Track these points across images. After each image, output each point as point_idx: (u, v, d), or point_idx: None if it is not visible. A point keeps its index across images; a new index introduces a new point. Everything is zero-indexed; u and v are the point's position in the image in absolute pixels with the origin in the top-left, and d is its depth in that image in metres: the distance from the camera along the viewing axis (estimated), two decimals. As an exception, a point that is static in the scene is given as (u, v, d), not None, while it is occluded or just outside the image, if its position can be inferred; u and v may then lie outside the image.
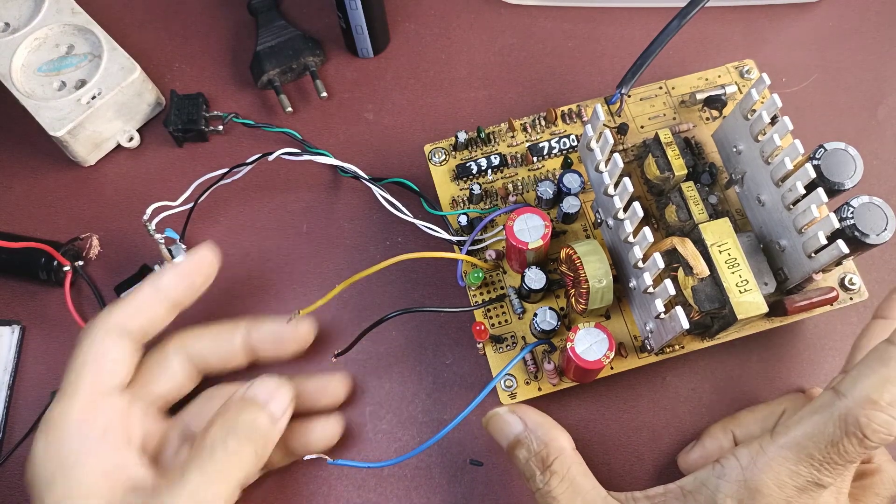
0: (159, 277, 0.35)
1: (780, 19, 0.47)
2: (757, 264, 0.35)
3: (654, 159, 0.38)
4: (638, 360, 0.36)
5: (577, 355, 0.33)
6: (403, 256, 0.36)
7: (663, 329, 0.33)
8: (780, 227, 0.35)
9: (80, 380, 0.32)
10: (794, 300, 0.36)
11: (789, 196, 0.34)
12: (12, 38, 0.43)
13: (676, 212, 0.37)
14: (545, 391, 0.36)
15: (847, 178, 0.34)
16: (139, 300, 0.34)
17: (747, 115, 0.36)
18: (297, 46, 0.45)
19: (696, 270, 0.34)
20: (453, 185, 0.40)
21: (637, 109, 0.41)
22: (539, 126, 0.41)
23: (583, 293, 0.34)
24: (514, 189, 0.40)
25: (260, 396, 0.33)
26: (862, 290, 0.38)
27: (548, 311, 0.35)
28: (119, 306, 0.34)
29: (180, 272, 0.36)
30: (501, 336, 0.37)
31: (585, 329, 0.33)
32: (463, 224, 0.38)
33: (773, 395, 0.39)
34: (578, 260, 0.34)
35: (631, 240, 0.33)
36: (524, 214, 0.35)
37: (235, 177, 0.40)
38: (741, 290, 0.33)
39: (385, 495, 0.37)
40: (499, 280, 0.38)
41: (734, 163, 0.38)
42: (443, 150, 0.41)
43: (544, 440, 0.33)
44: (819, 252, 0.32)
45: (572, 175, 0.38)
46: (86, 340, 0.33)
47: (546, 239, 0.35)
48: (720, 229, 0.35)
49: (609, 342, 0.33)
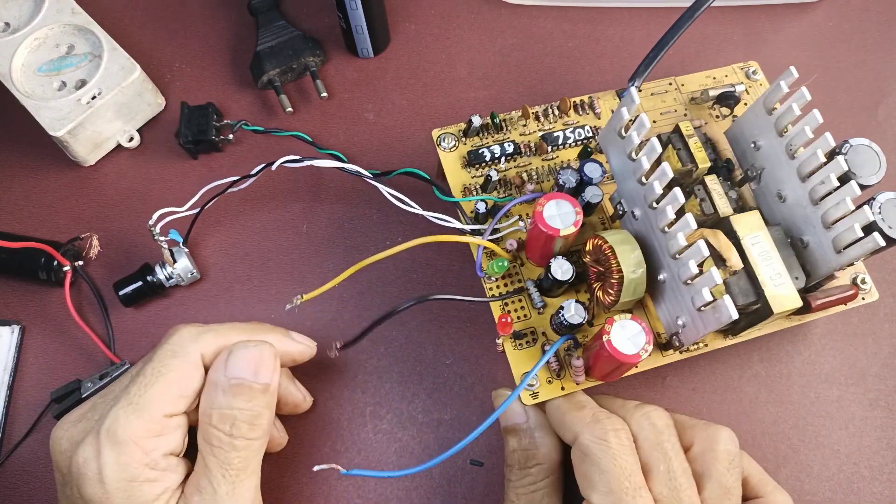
0: (264, 334, 0.34)
1: (780, 19, 0.47)
2: (787, 258, 0.34)
3: (675, 151, 0.37)
4: (662, 357, 0.35)
5: (615, 349, 0.31)
6: (421, 240, 0.34)
7: (702, 322, 0.32)
8: (803, 222, 0.34)
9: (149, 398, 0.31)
10: (817, 297, 0.35)
11: (820, 189, 0.33)
12: (12, 38, 0.43)
13: (700, 204, 0.35)
14: (568, 390, 0.34)
15: (872, 174, 0.34)
16: (231, 341, 0.33)
17: (771, 109, 0.35)
18: (297, 46, 0.45)
19: (729, 263, 0.33)
20: (464, 173, 0.39)
21: (648, 104, 0.41)
22: (552, 115, 0.40)
23: (613, 284, 0.33)
24: (530, 178, 0.38)
25: (244, 373, 0.31)
26: (873, 290, 0.38)
27: (574, 304, 0.34)
28: (209, 336, 0.32)
29: (288, 346, 0.35)
30: (521, 332, 0.35)
31: (620, 322, 0.31)
32: (481, 211, 0.36)
33: (772, 396, 0.39)
34: (610, 249, 0.32)
35: (668, 229, 0.32)
36: (555, 199, 0.33)
37: (241, 186, 0.40)
38: (775, 284, 0.32)
39: (385, 496, 0.37)
40: (516, 272, 0.37)
41: (751, 159, 0.37)
42: (452, 136, 0.39)
43: (536, 442, 0.34)
44: (849, 247, 0.32)
45: (593, 164, 0.36)
46: (167, 358, 0.31)
47: (578, 226, 0.33)
48: (751, 222, 0.34)
49: (647, 334, 0.31)
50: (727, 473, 0.32)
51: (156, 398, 0.30)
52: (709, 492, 0.31)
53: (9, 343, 0.39)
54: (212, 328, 0.33)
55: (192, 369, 0.31)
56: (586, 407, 0.33)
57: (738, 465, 0.32)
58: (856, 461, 0.38)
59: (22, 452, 0.38)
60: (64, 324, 0.40)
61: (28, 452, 0.38)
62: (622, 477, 0.30)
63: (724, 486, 0.31)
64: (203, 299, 0.41)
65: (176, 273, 0.40)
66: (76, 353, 0.40)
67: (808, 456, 0.38)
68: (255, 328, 0.35)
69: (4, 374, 0.39)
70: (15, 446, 0.38)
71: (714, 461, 0.32)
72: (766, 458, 0.38)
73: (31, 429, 0.38)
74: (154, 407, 0.30)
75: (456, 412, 0.38)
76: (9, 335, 0.40)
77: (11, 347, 0.39)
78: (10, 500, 0.37)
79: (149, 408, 0.30)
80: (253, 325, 0.35)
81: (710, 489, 0.31)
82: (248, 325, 0.35)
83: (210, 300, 0.41)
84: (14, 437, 0.38)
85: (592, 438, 0.31)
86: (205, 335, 0.32)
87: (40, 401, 0.38)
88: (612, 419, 0.32)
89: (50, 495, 0.37)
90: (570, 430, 0.32)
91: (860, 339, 0.40)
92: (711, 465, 0.32)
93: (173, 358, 0.31)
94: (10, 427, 0.38)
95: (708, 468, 0.32)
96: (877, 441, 0.38)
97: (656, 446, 0.31)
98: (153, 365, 0.31)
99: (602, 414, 0.32)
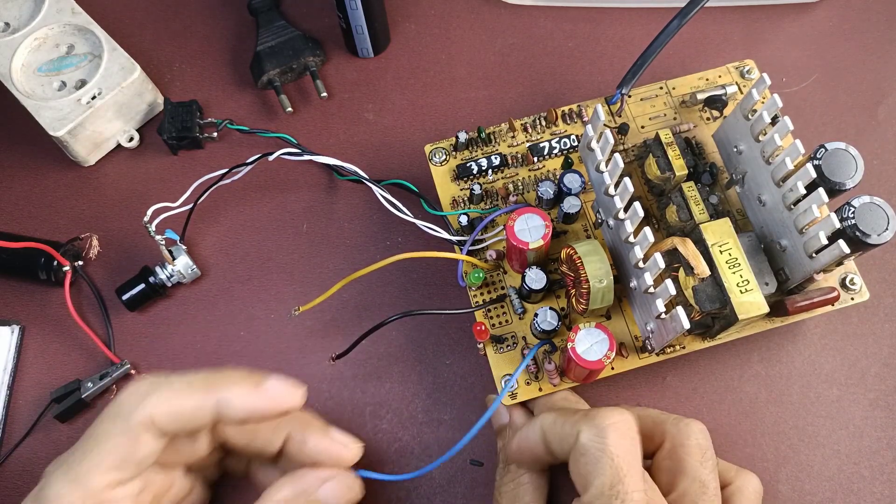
0: (227, 387, 0.29)
1: (780, 19, 0.47)
2: (758, 264, 0.35)
3: (654, 159, 0.38)
4: (639, 360, 0.36)
5: (578, 356, 0.33)
6: (403, 255, 0.36)
7: (664, 329, 0.33)
8: (780, 227, 0.35)
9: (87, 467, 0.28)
10: (795, 300, 0.36)
11: (790, 196, 0.34)
12: (12, 38, 0.43)
13: (677, 212, 0.37)
14: (546, 391, 0.36)
15: (848, 178, 0.34)
16: (186, 399, 0.29)
17: (748, 115, 0.36)
18: (297, 46, 0.45)
19: (696, 270, 0.34)
20: (454, 186, 0.40)
21: (637, 109, 0.41)
22: (540, 126, 0.41)
23: (583, 293, 0.34)
24: (514, 189, 0.40)
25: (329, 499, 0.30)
26: (863, 290, 0.38)
27: (548, 311, 0.35)
28: (161, 394, 0.29)
29: (254, 398, 0.29)
30: (502, 336, 0.37)
31: (586, 329, 0.33)
32: (463, 224, 0.38)
33: (772, 396, 0.39)
34: (579, 260, 0.34)
35: (632, 240, 0.33)
36: (525, 214, 0.35)
37: (235, 177, 0.40)
38: (742, 290, 0.33)
39: (386, 496, 0.37)
40: (499, 280, 0.38)
41: (735, 163, 0.38)
42: (443, 150, 0.41)
43: (518, 440, 0.34)
44: (820, 252, 0.32)
45: (573, 175, 0.38)
46: (109, 421, 0.28)
47: (546, 239, 0.35)
48: (721, 229, 0.35)
49: (610, 342, 0.33)
50: (700, 467, 0.32)
51: (93, 467, 0.28)
52: (684, 486, 0.31)
53: (9, 343, 0.39)
54: (168, 382, 0.29)
55: (137, 434, 0.28)
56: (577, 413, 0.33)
57: (712, 458, 0.32)
58: (856, 461, 0.38)
59: (22, 452, 0.38)
60: (64, 324, 0.40)
61: (28, 452, 0.38)
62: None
63: (700, 480, 0.31)
64: (203, 299, 0.41)
65: (177, 271, 0.40)
66: (76, 353, 0.40)
67: (808, 456, 0.38)
68: (215, 379, 0.30)
69: (4, 374, 0.39)
70: (15, 446, 0.38)
71: (686, 456, 0.32)
72: (766, 458, 0.38)
73: (31, 429, 0.38)
74: (92, 477, 0.27)
75: (456, 412, 0.38)
76: (9, 335, 0.40)
77: (11, 347, 0.39)
78: (10, 500, 0.37)
79: (86, 478, 0.27)
80: (217, 372, 0.30)
81: (684, 484, 0.31)
82: (206, 377, 0.30)
83: (210, 300, 0.41)
84: (14, 437, 0.38)
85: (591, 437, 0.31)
86: (156, 394, 0.28)
87: (40, 401, 0.39)
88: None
89: (50, 495, 0.37)
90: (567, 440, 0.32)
91: (860, 339, 0.40)
92: (684, 461, 0.32)
93: (114, 421, 0.28)
94: (10, 427, 0.38)
95: (681, 463, 0.32)
96: (877, 441, 0.38)
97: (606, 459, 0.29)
98: (93, 428, 0.28)
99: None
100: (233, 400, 0.29)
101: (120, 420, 0.28)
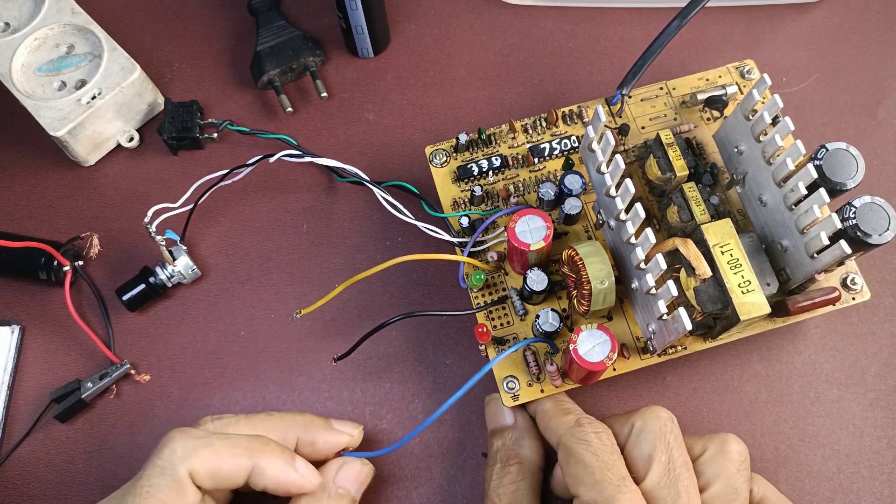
0: (264, 457, 0.32)
1: (780, 19, 0.47)
2: (759, 265, 0.35)
3: (655, 160, 0.38)
4: (640, 361, 0.36)
5: (580, 357, 0.33)
6: (404, 258, 0.36)
7: (666, 330, 0.33)
8: (782, 227, 0.35)
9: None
10: (796, 300, 0.36)
11: (791, 196, 0.34)
12: (12, 38, 0.43)
13: (678, 213, 0.37)
14: (548, 392, 0.36)
15: (849, 178, 0.34)
16: (226, 461, 0.31)
17: (748, 115, 0.36)
18: (297, 46, 0.45)
19: (698, 271, 0.34)
20: (454, 187, 0.40)
21: (638, 110, 0.41)
22: (540, 127, 0.41)
23: (585, 294, 0.34)
24: (515, 190, 0.40)
25: (350, 486, 0.34)
26: (864, 290, 0.38)
27: (550, 312, 0.35)
28: (202, 453, 0.31)
29: (285, 480, 0.32)
30: (503, 338, 0.37)
31: (588, 331, 0.33)
32: (464, 226, 0.38)
33: (772, 396, 0.39)
34: (581, 261, 0.34)
35: (633, 241, 0.33)
36: (526, 216, 0.35)
37: (236, 178, 0.40)
38: (744, 291, 0.33)
39: (386, 496, 0.37)
40: (500, 281, 0.38)
41: (735, 163, 0.38)
42: (444, 152, 0.40)
43: (521, 442, 0.35)
44: (821, 252, 0.32)
45: (574, 176, 0.38)
46: (157, 476, 0.30)
47: (548, 240, 0.35)
48: (722, 230, 0.35)
49: (612, 344, 0.33)
50: (737, 474, 0.32)
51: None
52: (716, 489, 0.32)
53: (9, 343, 0.39)
54: (209, 442, 0.31)
55: (181, 488, 0.30)
56: (571, 412, 0.34)
57: (748, 469, 0.33)
58: (856, 461, 0.38)
59: (22, 452, 0.38)
60: (64, 324, 0.40)
61: (28, 452, 0.38)
62: (605, 469, 0.31)
63: (733, 486, 0.32)
64: (203, 299, 0.41)
65: (177, 271, 0.40)
66: (76, 353, 0.40)
67: (808, 456, 0.38)
68: (255, 447, 0.32)
69: (4, 374, 0.39)
70: (15, 446, 0.38)
71: (725, 461, 0.33)
72: (766, 458, 0.38)
73: (31, 429, 0.38)
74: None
75: (456, 412, 0.38)
76: (9, 335, 0.40)
77: (11, 347, 0.39)
78: (10, 500, 0.37)
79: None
80: (256, 441, 0.32)
81: (717, 487, 0.32)
82: (248, 443, 0.32)
83: (210, 300, 0.41)
84: (14, 437, 0.38)
85: (574, 439, 0.32)
86: (198, 453, 0.31)
87: (40, 401, 0.39)
88: (594, 423, 0.33)
89: (50, 495, 0.37)
90: (555, 433, 0.34)
91: (860, 339, 0.40)
92: (722, 466, 0.33)
93: (162, 477, 0.30)
94: (10, 427, 0.38)
95: (718, 469, 0.33)
96: (877, 441, 0.38)
97: (660, 436, 0.32)
98: (142, 483, 0.30)
99: (585, 419, 0.33)
100: (266, 469, 0.31)
101: (165, 477, 0.30)
